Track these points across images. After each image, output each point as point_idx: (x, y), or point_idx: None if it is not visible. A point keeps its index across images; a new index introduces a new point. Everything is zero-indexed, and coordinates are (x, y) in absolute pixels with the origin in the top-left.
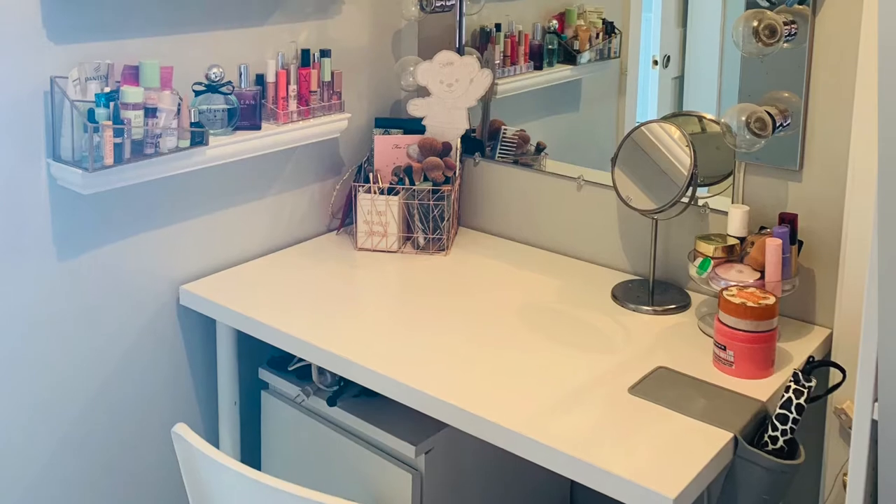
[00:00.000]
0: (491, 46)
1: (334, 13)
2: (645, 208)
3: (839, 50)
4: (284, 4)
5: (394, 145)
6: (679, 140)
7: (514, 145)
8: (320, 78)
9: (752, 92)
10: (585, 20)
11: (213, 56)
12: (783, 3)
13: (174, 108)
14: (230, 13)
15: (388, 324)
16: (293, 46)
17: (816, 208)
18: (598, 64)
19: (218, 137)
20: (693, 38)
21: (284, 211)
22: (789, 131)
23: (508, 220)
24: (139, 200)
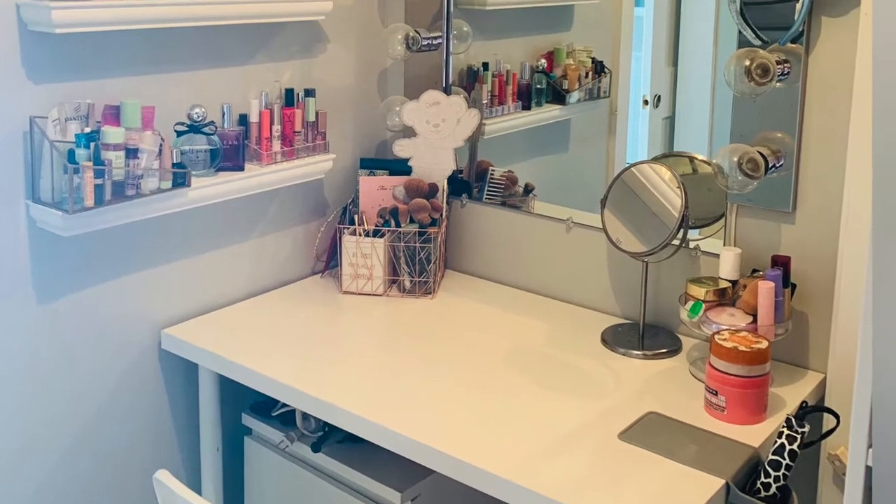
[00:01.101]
0: (478, 86)
1: (319, 52)
2: (635, 251)
3: (833, 89)
4: (268, 43)
5: (379, 186)
6: (670, 181)
7: (501, 186)
8: (304, 118)
9: (745, 132)
10: (575, 59)
11: (196, 96)
12: (776, 42)
13: (156, 148)
14: (213, 52)
15: (373, 368)
16: (277, 86)
17: (810, 251)
18: (587, 104)
19: (200, 179)
20: (684, 78)
21: (268, 253)
22: (782, 172)
23: (496, 262)
24: (120, 242)
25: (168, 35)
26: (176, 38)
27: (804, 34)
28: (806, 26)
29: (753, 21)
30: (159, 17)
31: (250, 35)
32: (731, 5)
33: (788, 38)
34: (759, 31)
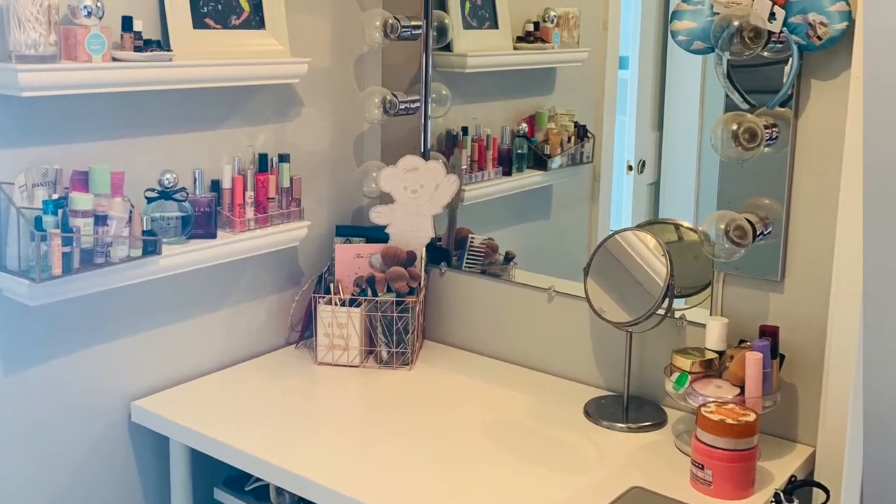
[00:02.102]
0: (457, 151)
1: (294, 116)
2: (619, 321)
3: (822, 154)
4: (241, 107)
5: (356, 254)
6: (655, 249)
7: (481, 254)
8: (279, 184)
9: (732, 198)
10: (557, 123)
11: (167, 161)
12: (764, 106)
13: (125, 215)
14: (184, 116)
15: (349, 442)
16: (250, 151)
17: (799, 321)
18: (569, 169)
19: (171, 246)
20: (669, 143)
21: (241, 323)
22: (770, 240)
23: (476, 332)
24: (89, 312)
25: (138, 98)
26: (146, 102)
27: (793, 98)
28: (795, 90)
29: (741, 84)
30: (129, 81)
31: (223, 98)
32: (717, 68)
33: (777, 101)
34: (746, 95)
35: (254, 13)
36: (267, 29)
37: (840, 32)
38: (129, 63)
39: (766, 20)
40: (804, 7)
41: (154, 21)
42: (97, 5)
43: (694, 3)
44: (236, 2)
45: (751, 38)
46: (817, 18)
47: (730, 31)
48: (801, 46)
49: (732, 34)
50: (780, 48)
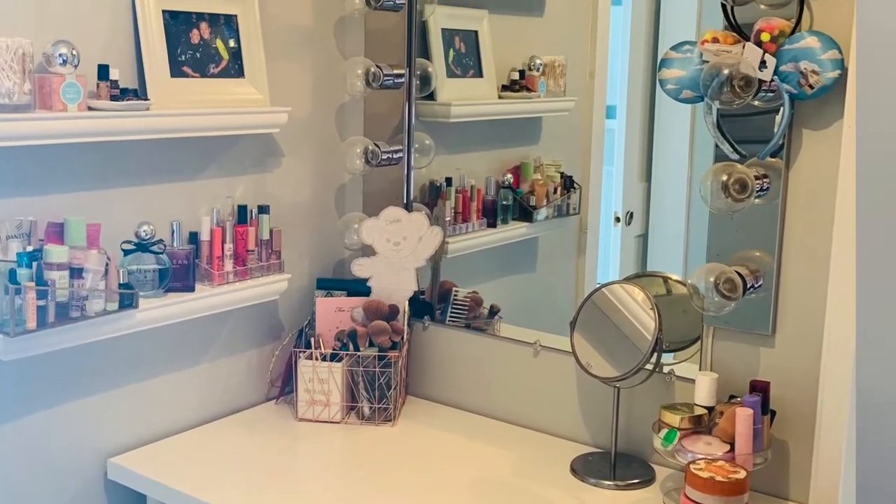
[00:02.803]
0: (441, 202)
1: (273, 166)
2: (606, 376)
3: (814, 206)
4: (219, 157)
5: (337, 308)
6: (643, 303)
7: (465, 308)
8: (258, 236)
9: (721, 251)
10: (542, 174)
11: (144, 212)
12: (754, 156)
13: (102, 268)
14: (162, 166)
15: (331, 500)
16: (229, 202)
17: (790, 376)
18: (556, 221)
19: (148, 300)
20: (658, 194)
21: (220, 378)
22: (761, 293)
23: (460, 388)
24: (64, 367)
25: (114, 148)
26: (123, 152)
27: (784, 148)
28: (786, 139)
29: (731, 134)
30: (105, 130)
31: (201, 148)
32: (707, 118)
33: (768, 151)
34: (736, 145)
35: (233, 61)
36: (246, 77)
37: (832, 81)
38: (106, 112)
39: (757, 68)
40: (796, 55)
41: (131, 69)
42: (72, 53)
43: (683, 51)
44: (215, 50)
45: (741, 86)
46: (809, 67)
47: (720, 79)
48: (792, 95)
49: (722, 83)
50: (771, 97)
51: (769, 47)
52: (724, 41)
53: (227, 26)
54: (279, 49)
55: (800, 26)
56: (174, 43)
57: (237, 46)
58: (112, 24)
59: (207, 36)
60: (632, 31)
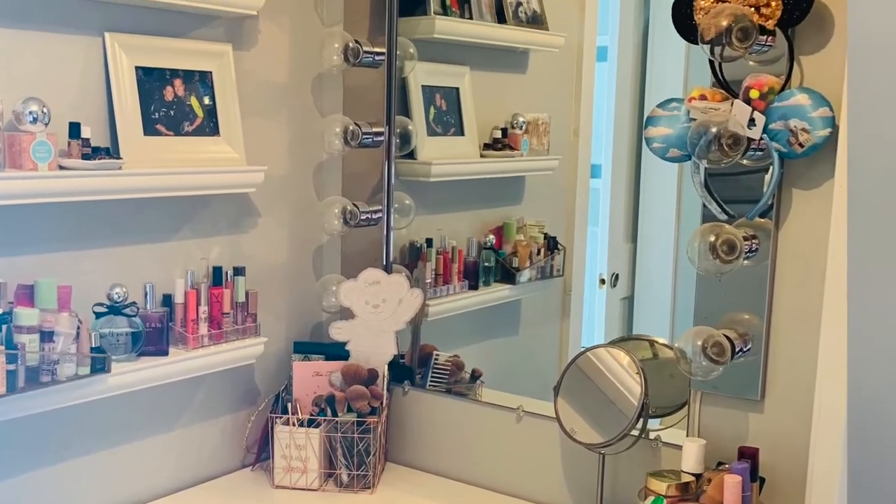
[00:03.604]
0: (421, 264)
1: (249, 227)
2: (591, 442)
3: (804, 268)
4: (194, 218)
5: (314, 372)
6: (628, 367)
7: (446, 372)
8: (234, 298)
9: (709, 314)
10: (525, 235)
11: (116, 274)
12: (743, 216)
13: (73, 331)
14: (134, 227)
15: None
16: (204, 264)
17: (779, 442)
18: (539, 283)
19: (121, 364)
20: (644, 255)
21: (194, 445)
22: (750, 357)
23: (441, 454)
24: (33, 433)
25: (86, 208)
26: (95, 212)
27: (774, 208)
28: (776, 199)
29: (719, 194)
30: (77, 190)
31: (175, 208)
32: (694, 177)
33: (757, 211)
34: (724, 205)
35: (207, 119)
36: (221, 136)
37: (823, 139)
38: (77, 171)
39: (746, 126)
40: (786, 113)
41: (103, 127)
42: (43, 111)
43: (669, 108)
44: (189, 107)
45: (729, 145)
46: (799, 125)
47: (707, 137)
48: (782, 154)
49: (710, 141)
50: (761, 156)
51: (758, 105)
52: (712, 98)
53: (201, 83)
54: (255, 106)
55: (790, 83)
56: (147, 100)
57: (212, 104)
58: (84, 81)
59: (182, 93)
60: (617, 88)
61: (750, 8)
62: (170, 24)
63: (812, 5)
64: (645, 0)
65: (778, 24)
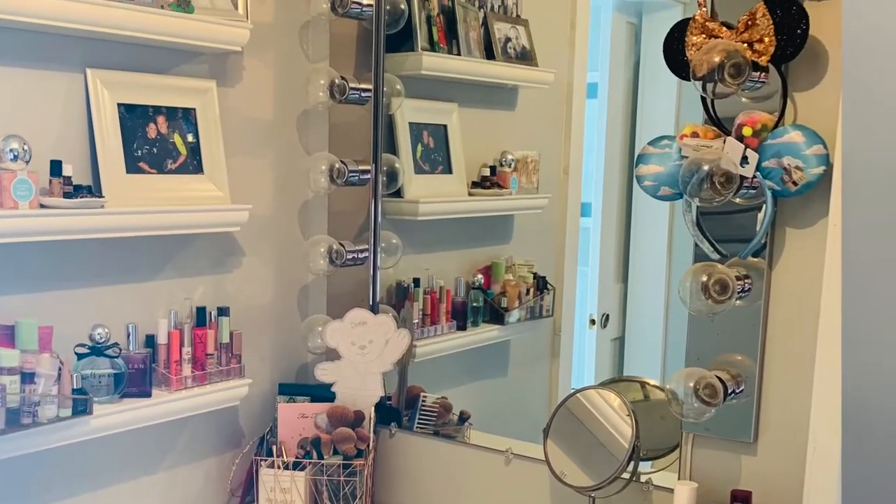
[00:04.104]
0: (408, 304)
1: (233, 266)
2: (581, 485)
3: (798, 308)
4: (177, 257)
5: (300, 414)
6: (619, 409)
7: (434, 414)
8: (218, 339)
9: (701, 355)
10: (514, 274)
11: (98, 315)
12: (736, 256)
13: (54, 372)
14: (117, 267)
15: None
16: (187, 304)
17: (773, 485)
18: (528, 323)
19: (103, 406)
20: (635, 296)
21: (177, 488)
22: (742, 399)
23: (429, 497)
24: (15, 475)
25: (68, 247)
26: (76, 251)
27: (767, 247)
28: (769, 238)
29: (711, 233)
30: (58, 229)
31: (158, 247)
32: (686, 216)
33: (750, 251)
34: (717, 244)
35: (191, 157)
36: (205, 174)
37: (817, 177)
38: (58, 210)
39: (738, 164)
40: (779, 150)
41: (85, 165)
42: (24, 148)
43: (661, 145)
44: (172, 145)
45: (722, 183)
46: (793, 162)
47: (699, 175)
48: (775, 192)
49: (702, 179)
50: (754, 194)
51: (751, 142)
52: (704, 136)
53: (185, 120)
54: (240, 144)
55: (783, 120)
56: (130, 137)
57: (196, 141)
58: (65, 118)
59: (165, 130)
60: (607, 126)
61: (742, 44)
62: (153, 60)
63: (806, 41)
64: (636, 36)
65: (771, 61)
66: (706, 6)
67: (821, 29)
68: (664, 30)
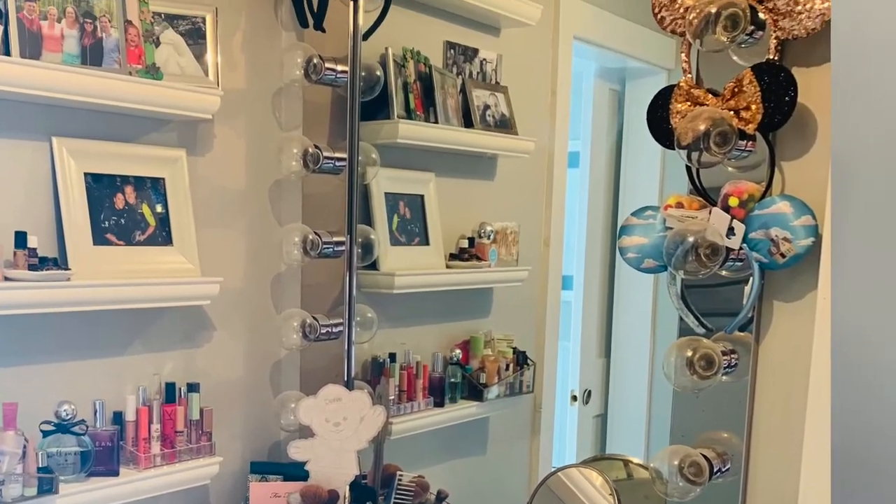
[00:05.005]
0: (384, 379)
1: (204, 341)
2: None
3: (786, 384)
4: (146, 331)
5: (273, 494)
6: (601, 488)
7: (411, 494)
8: (187, 416)
9: (686, 432)
10: (494, 349)
11: (64, 391)
12: (722, 330)
13: (19, 450)
14: (83, 341)
15: None
16: (156, 379)
17: None
18: (508, 399)
19: (69, 485)
20: (617, 371)
21: None
22: (729, 477)
23: None
24: None
25: (33, 321)
26: (42, 325)
27: (754, 321)
28: (756, 312)
29: (696, 306)
30: (22, 303)
31: (126, 322)
32: (670, 288)
33: (736, 325)
34: (702, 318)
35: (160, 228)
36: (174, 245)
37: (806, 249)
38: (23, 283)
39: (724, 236)
40: (766, 221)
41: (50, 236)
42: None
43: (644, 216)
44: (141, 216)
45: (707, 255)
46: (781, 234)
47: (684, 247)
48: (762, 265)
49: (687, 251)
50: (740, 266)
51: (737, 213)
52: (689, 206)
53: (153, 190)
54: (210, 214)
55: (770, 190)
56: (97, 208)
57: (165, 212)
58: (30, 188)
59: (133, 201)
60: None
61: (729, 111)
62: (120, 128)
63: (794, 109)
64: (619, 103)
65: (758, 129)
66: (691, 72)
67: (809, 96)
68: (648, 97)
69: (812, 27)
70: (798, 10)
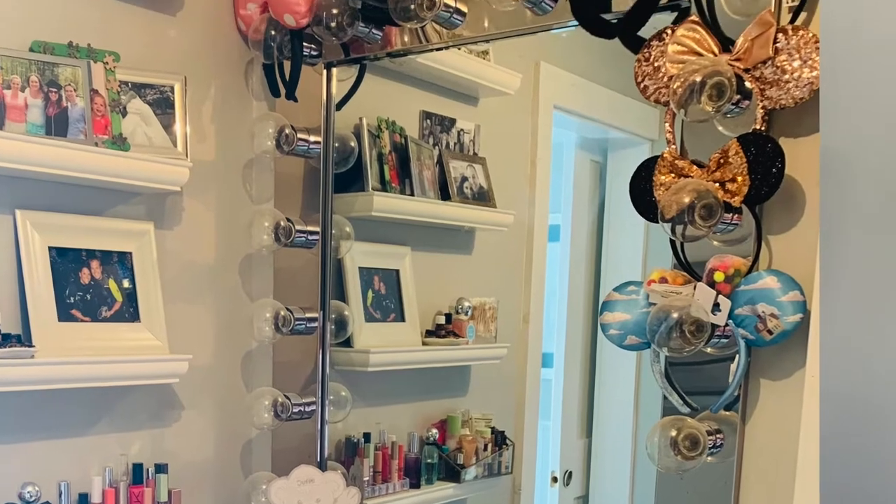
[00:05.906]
0: (358, 460)
1: (172, 420)
2: None
3: (774, 465)
4: (112, 410)
5: None
6: None
7: None
8: (155, 498)
9: None
10: (471, 429)
11: (28, 472)
12: (707, 409)
13: None
14: (48, 421)
15: None
16: (123, 460)
17: None
18: (486, 481)
19: None
20: (599, 451)
21: None
22: None
23: None
24: None
25: None
26: (4, 404)
27: (740, 400)
28: (742, 391)
29: (680, 385)
30: None
31: (92, 400)
32: (654, 366)
33: (722, 404)
34: (687, 397)
35: (127, 304)
36: (142, 321)
37: (794, 326)
38: None
39: (710, 312)
40: (753, 297)
41: (14, 312)
42: None
43: (627, 292)
44: (107, 291)
45: (692, 332)
46: (768, 310)
47: (668, 324)
48: (749, 342)
49: (671, 328)
50: (726, 343)
51: (723, 288)
52: (673, 281)
53: (120, 265)
54: (179, 290)
55: (757, 265)
56: (62, 283)
57: (132, 287)
58: None
59: (99, 276)
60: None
61: (714, 183)
62: (86, 201)
63: (781, 181)
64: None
65: (744, 201)
66: (675, 143)
67: (797, 168)
68: (630, 169)
69: (800, 96)
70: (786, 78)
